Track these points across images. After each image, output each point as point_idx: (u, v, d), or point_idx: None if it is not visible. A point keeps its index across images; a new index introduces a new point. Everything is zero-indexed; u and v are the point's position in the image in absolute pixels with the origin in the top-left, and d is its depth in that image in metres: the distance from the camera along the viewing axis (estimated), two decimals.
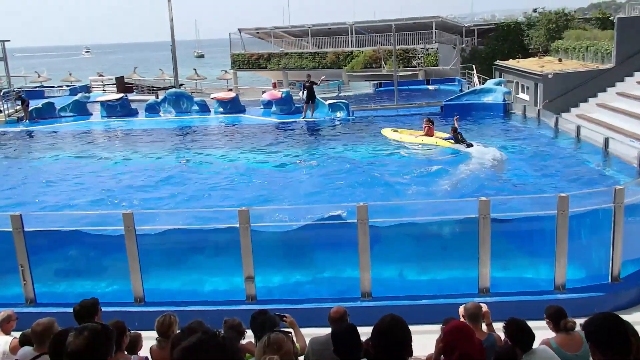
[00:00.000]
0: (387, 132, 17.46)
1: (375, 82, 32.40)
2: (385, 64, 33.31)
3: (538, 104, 24.90)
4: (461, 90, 24.97)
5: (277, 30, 40.99)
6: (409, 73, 33.03)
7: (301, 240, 8.22)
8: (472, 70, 29.30)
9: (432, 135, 16.06)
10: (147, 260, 7.55)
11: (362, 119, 21.53)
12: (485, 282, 7.26)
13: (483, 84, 24.07)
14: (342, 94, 30.06)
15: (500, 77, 29.27)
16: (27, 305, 7.34)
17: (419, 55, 33.34)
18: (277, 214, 9.11)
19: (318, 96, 22.96)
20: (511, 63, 30.81)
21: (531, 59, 32.25)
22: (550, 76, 25.56)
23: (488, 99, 21.19)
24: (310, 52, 37.50)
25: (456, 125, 15.59)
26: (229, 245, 7.83)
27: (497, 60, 32.64)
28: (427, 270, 8.07)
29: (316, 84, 22.49)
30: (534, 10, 39.81)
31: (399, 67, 29.80)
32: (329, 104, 22.27)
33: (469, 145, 14.84)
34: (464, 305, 4.77)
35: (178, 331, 4.51)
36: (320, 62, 36.46)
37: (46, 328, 3.85)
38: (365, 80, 34.73)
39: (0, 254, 8.01)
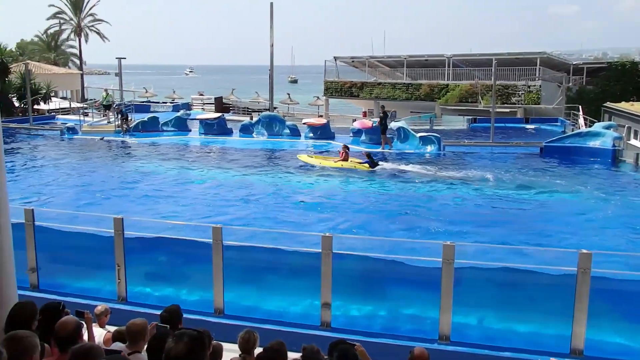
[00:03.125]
0: (304, 157, 18.81)
1: (470, 117, 31.61)
2: (482, 99, 32.44)
3: None
4: (564, 132, 23.71)
5: (372, 60, 41.37)
6: (507, 110, 31.90)
7: (381, 272, 8.05)
8: (578, 111, 27.70)
9: (347, 160, 17.96)
10: (227, 273, 7.73)
11: (454, 155, 21.01)
12: (579, 342, 6.66)
13: (590, 126, 22.62)
14: (434, 128, 29.64)
15: (610, 120, 27.22)
16: (118, 302, 7.73)
17: (520, 92, 32.12)
18: (360, 243, 9.03)
19: (409, 127, 22.86)
20: (624, 106, 28.57)
21: None
22: None
23: (595, 143, 19.84)
24: (404, 83, 37.38)
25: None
26: (308, 269, 7.85)
27: (608, 102, 30.09)
28: (510, 320, 7.57)
29: (388, 116, 22.64)
30: None
31: (497, 103, 28.79)
32: (420, 137, 22.00)
33: (376, 165, 17.57)
34: None
35: (259, 348, 4.55)
36: (413, 93, 36.19)
37: (142, 328, 4.03)
38: (459, 115, 33.93)
39: (98, 252, 8.57)
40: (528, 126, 29.44)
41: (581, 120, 25.90)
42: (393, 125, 23.54)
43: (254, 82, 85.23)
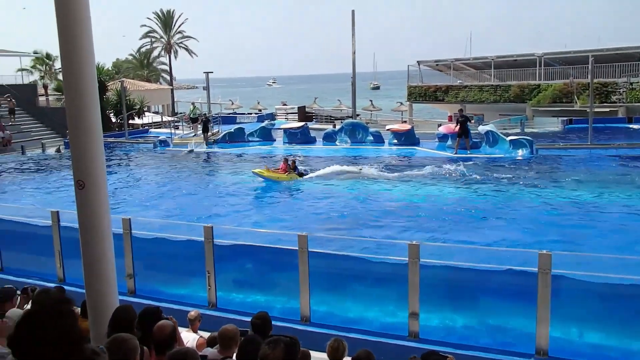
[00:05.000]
0: (256, 170, 18.14)
1: (565, 118, 29.82)
2: (578, 98, 30.45)
3: None
4: None
5: (458, 62, 40.24)
6: (607, 110, 29.69)
7: (471, 282, 7.72)
8: None
9: (286, 172, 17.99)
10: (312, 280, 7.76)
11: (547, 159, 19.88)
12: None
13: None
14: (525, 130, 28.26)
15: None
16: (209, 309, 8.01)
17: (621, 90, 29.81)
18: (448, 251, 8.75)
19: (499, 131, 21.97)
20: None
21: None
22: None
23: None
24: (492, 85, 35.93)
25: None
26: (394, 278, 7.70)
27: None
28: (618, 337, 6.96)
29: (470, 120, 21.77)
30: None
31: (595, 103, 26.84)
32: (510, 140, 21.03)
33: (302, 175, 18.22)
34: None
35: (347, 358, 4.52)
36: (502, 95, 34.67)
37: (234, 334, 4.13)
38: (553, 116, 32.07)
39: (189, 260, 8.94)
40: (632, 126, 27.24)
41: None
42: (481, 128, 22.72)
43: (336, 90, 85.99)
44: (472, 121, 22.75)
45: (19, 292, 5.69)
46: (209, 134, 26.87)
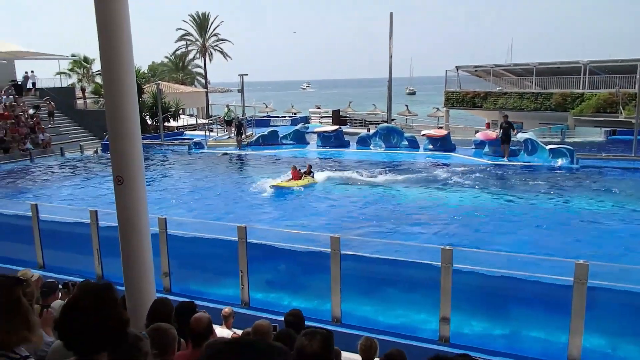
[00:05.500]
0: (274, 183, 17.70)
1: (608, 129, 28.93)
2: (624, 109, 29.49)
3: None
4: None
5: (498, 69, 39.57)
6: None
7: (504, 290, 7.62)
8: None
9: (299, 178, 17.97)
10: (343, 282, 7.79)
11: (588, 169, 19.37)
12: None
13: None
14: (566, 140, 27.56)
15: None
16: (242, 307, 8.14)
17: None
18: (482, 257, 8.64)
19: (538, 140, 21.65)
20: None
21: None
22: None
23: None
24: (533, 93, 35.11)
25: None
26: (426, 282, 7.67)
27: None
28: None
29: (513, 128, 21.49)
30: None
31: None
32: (550, 149, 20.58)
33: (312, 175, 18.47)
34: None
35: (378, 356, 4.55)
36: (543, 103, 33.82)
37: (268, 330, 4.22)
38: (596, 127, 31.12)
39: (223, 259, 9.10)
40: None
41: None
42: (520, 136, 22.33)
43: (371, 94, 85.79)
44: (515, 131, 22.34)
45: (60, 286, 5.92)
46: (243, 136, 27.22)
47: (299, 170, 18.27)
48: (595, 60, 33.64)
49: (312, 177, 18.41)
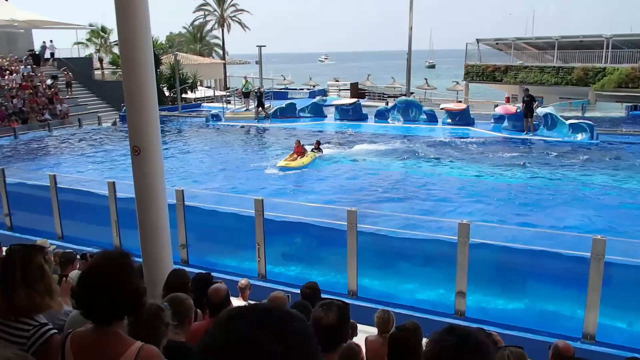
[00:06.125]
0: (281, 164, 16.91)
1: (630, 104, 28.25)
2: None
3: None
4: None
5: (519, 42, 38.64)
6: None
7: (522, 264, 7.58)
8: None
9: (302, 153, 17.39)
10: (359, 257, 7.80)
11: (608, 144, 19.02)
12: None
13: None
14: (586, 115, 26.98)
15: None
16: (258, 279, 8.21)
17: None
18: (500, 232, 8.59)
19: (558, 114, 21.25)
20: None
21: None
22: None
23: None
24: (554, 67, 34.27)
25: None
26: (442, 256, 7.66)
27: None
28: None
29: (535, 101, 21.05)
30: None
31: None
32: (570, 124, 20.21)
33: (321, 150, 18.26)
34: None
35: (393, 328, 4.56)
36: (564, 77, 33.04)
37: (284, 301, 4.26)
38: (617, 102, 30.44)
39: (240, 232, 9.14)
40: None
41: None
42: (540, 111, 21.92)
43: (390, 67, 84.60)
44: (537, 103, 21.88)
45: (78, 257, 6.00)
46: (264, 108, 27.09)
47: (303, 145, 17.73)
48: (619, 34, 32.65)
49: (321, 152, 18.21)
